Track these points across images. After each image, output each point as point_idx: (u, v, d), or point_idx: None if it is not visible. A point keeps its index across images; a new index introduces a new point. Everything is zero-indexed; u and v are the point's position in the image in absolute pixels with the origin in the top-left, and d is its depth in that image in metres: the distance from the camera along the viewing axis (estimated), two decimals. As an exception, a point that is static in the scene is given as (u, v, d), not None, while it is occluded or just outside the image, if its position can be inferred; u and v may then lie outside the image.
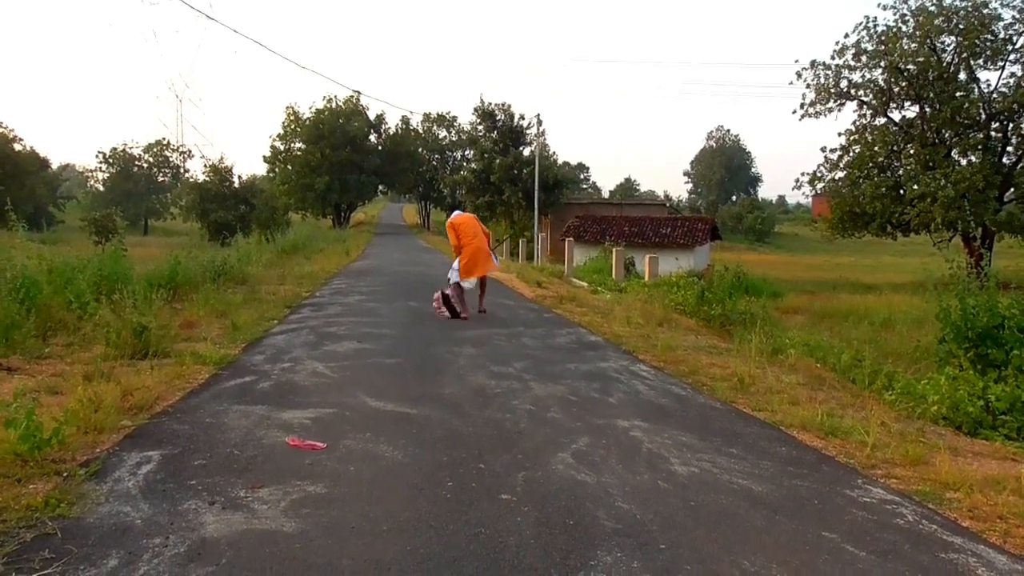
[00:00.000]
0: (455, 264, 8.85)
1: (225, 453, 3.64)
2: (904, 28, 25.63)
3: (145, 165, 62.51)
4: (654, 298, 11.06)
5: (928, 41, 24.98)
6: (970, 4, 24.83)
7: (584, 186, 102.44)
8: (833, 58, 26.95)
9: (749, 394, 5.39)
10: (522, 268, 17.79)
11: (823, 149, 28.59)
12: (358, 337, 7.26)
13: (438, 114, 61.15)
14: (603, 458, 3.76)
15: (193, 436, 3.91)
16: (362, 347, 6.73)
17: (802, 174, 29.49)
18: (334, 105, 50.84)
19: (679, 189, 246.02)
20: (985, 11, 24.63)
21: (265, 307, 9.09)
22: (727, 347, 7.66)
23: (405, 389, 5.14)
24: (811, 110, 27.64)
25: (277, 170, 50.41)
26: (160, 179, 63.58)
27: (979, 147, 25.11)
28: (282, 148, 50.26)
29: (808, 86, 27.43)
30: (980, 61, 25.16)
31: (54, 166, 56.93)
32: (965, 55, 24.85)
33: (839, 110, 27.45)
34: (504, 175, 37.18)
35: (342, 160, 48.61)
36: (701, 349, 7.36)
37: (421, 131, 60.56)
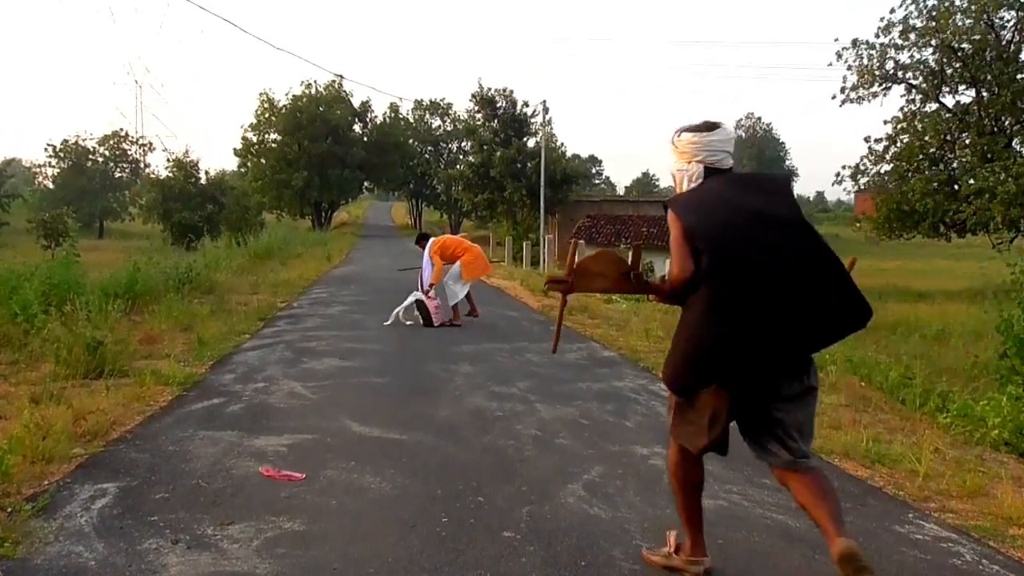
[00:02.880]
0: (422, 287, 9.29)
1: (190, 485, 3.65)
2: (958, 2, 25.75)
3: (100, 159, 62.62)
4: (677, 308, 10.96)
5: (985, 16, 25.07)
6: (1032, -26, 24.99)
7: (596, 181, 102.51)
8: (878, 36, 27.08)
9: None
10: (526, 274, 17.79)
11: (867, 139, 28.58)
12: (341, 353, 7.29)
13: (431, 101, 61.77)
14: (619, 490, 3.77)
15: (154, 466, 3.92)
16: (345, 365, 6.77)
17: (843, 167, 29.50)
18: (313, 91, 51.28)
19: None
20: (1049, -18, 24.78)
21: (236, 319, 9.13)
22: None
23: (394, 412, 5.16)
24: (853, 95, 27.73)
25: (249, 165, 50.70)
26: (117, 175, 63.61)
27: (1044, 136, 25.22)
28: (255, 140, 50.62)
29: (849, 68, 27.53)
30: (1045, 39, 25.30)
31: (-3, 161, 57.54)
32: (1027, 32, 24.99)
33: (884, 95, 27.53)
34: (505, 169, 37.27)
35: (322, 153, 48.92)
36: None
37: (412, 120, 61.01)
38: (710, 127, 2.69)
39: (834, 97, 28.90)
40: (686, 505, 2.77)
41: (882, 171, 28.49)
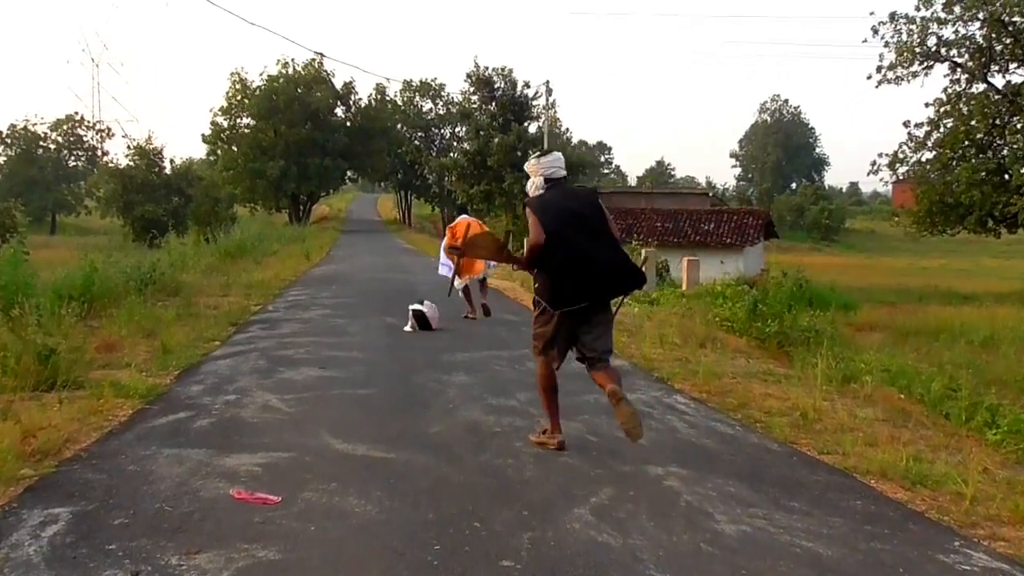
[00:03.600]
0: (443, 258, 10.50)
1: (153, 509, 3.65)
2: (1008, -30, 25.75)
3: (53, 146, 62.77)
4: (694, 312, 11.14)
5: (1039, -13, 25.07)
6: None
7: (606, 171, 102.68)
8: (918, 9, 27.14)
9: (814, 433, 5.41)
10: (527, 275, 17.70)
11: (906, 124, 28.66)
12: (321, 362, 7.31)
13: (422, 82, 61.63)
14: (631, 514, 3.78)
15: (113, 488, 3.91)
16: (326, 375, 6.78)
17: (879, 155, 29.57)
18: (291, 71, 51.33)
19: (725, 174, 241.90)
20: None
21: (204, 324, 9.16)
22: (786, 373, 7.70)
23: (380, 427, 5.17)
24: (890, 75, 27.79)
25: (219, 152, 50.73)
26: (72, 164, 63.81)
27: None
28: (226, 125, 50.59)
29: (887, 45, 27.64)
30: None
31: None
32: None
33: (926, 75, 27.58)
34: (505, 157, 37.32)
35: (301, 139, 49.03)
36: (753, 376, 7.41)
37: (400, 103, 60.95)
38: (544, 153, 4.92)
39: (869, 77, 28.99)
40: (548, 402, 4.85)
41: (923, 159, 28.52)
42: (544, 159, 4.84)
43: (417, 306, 9.50)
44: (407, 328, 9.47)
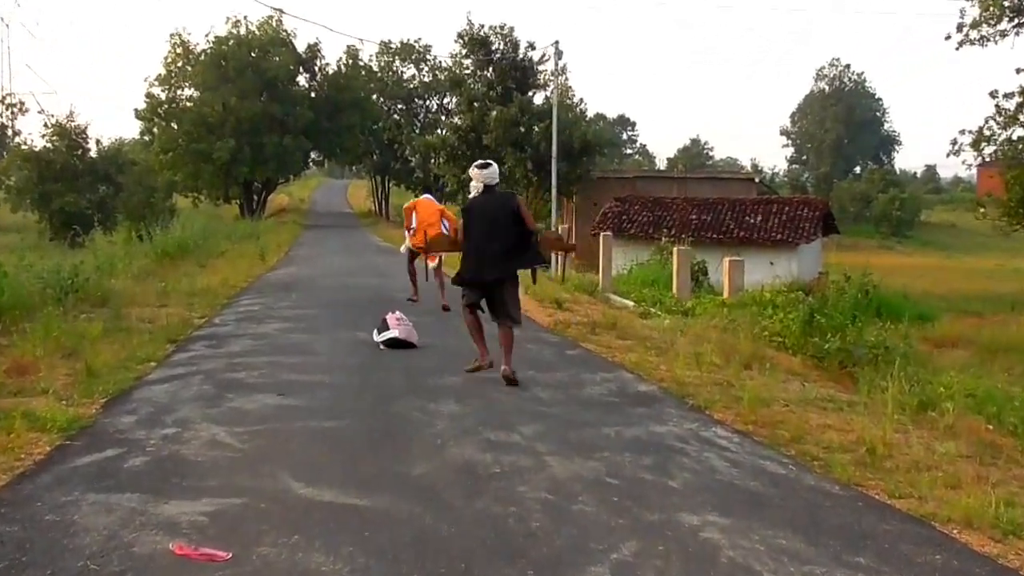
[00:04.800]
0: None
1: (75, 568, 3.62)
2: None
3: (-48, 125, 62.96)
4: (737, 324, 11.10)
5: None
6: None
7: (628, 151, 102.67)
8: (1008, -47, 27.08)
9: (883, 472, 5.41)
10: (531, 284, 17.69)
11: (993, 95, 28.67)
12: (279, 387, 7.31)
13: (402, 43, 61.20)
14: (660, 573, 3.76)
15: (25, 542, 3.89)
16: (286, 403, 6.77)
17: (961, 133, 29.56)
18: (243, 31, 51.23)
19: (774, 155, 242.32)
20: None
21: (137, 342, 9.10)
22: (849, 400, 7.70)
23: (352, 468, 5.17)
24: (974, 34, 27.80)
25: (156, 131, 50.54)
26: (-25, 146, 63.99)
27: None
28: (164, 97, 50.42)
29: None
30: None
31: None
32: None
33: (1017, 33, 27.56)
34: (504, 134, 37.25)
35: (255, 114, 48.79)
36: (810, 403, 7.42)
37: (376, 69, 60.69)
38: (484, 166, 7.70)
39: (948, 38, 29.01)
40: (475, 338, 7.79)
41: (1014, 137, 28.51)
42: (484, 172, 7.71)
43: (388, 333, 9.44)
44: (377, 339, 9.49)
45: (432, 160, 44.89)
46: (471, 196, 7.85)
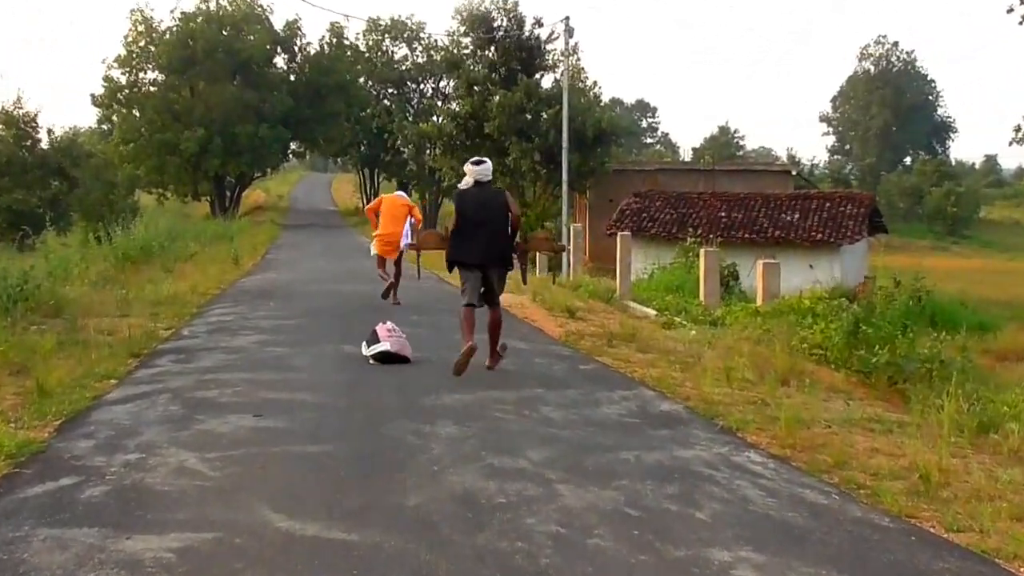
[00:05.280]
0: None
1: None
2: None
3: None
4: (772, 335, 11.13)
5: None
6: None
7: (648, 140, 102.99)
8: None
9: (939, 502, 5.38)
10: (542, 284, 17.77)
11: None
12: (256, 407, 7.22)
13: (393, 20, 59.27)
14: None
15: (-37, 586, 3.80)
16: (263, 425, 6.71)
17: (1026, 118, 29.07)
18: (213, 6, 49.78)
19: (813, 145, 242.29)
20: None
21: (95, 357, 9.01)
22: (900, 420, 7.66)
23: (338, 498, 5.10)
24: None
25: (116, 119, 49.29)
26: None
27: None
28: (124, 81, 48.92)
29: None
30: None
31: None
32: None
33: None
34: (508, 122, 36.31)
35: (227, 100, 47.26)
36: (855, 424, 7.38)
37: (364, 49, 58.77)
38: (479, 162, 8.98)
39: (1011, 11, 28.94)
40: (466, 331, 8.57)
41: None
42: (478, 168, 8.88)
43: (378, 347, 9.37)
44: (366, 353, 9.41)
45: (427, 151, 44.54)
46: (460, 187, 9.10)
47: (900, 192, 70.45)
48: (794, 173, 43.42)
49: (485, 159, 9.20)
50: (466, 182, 8.89)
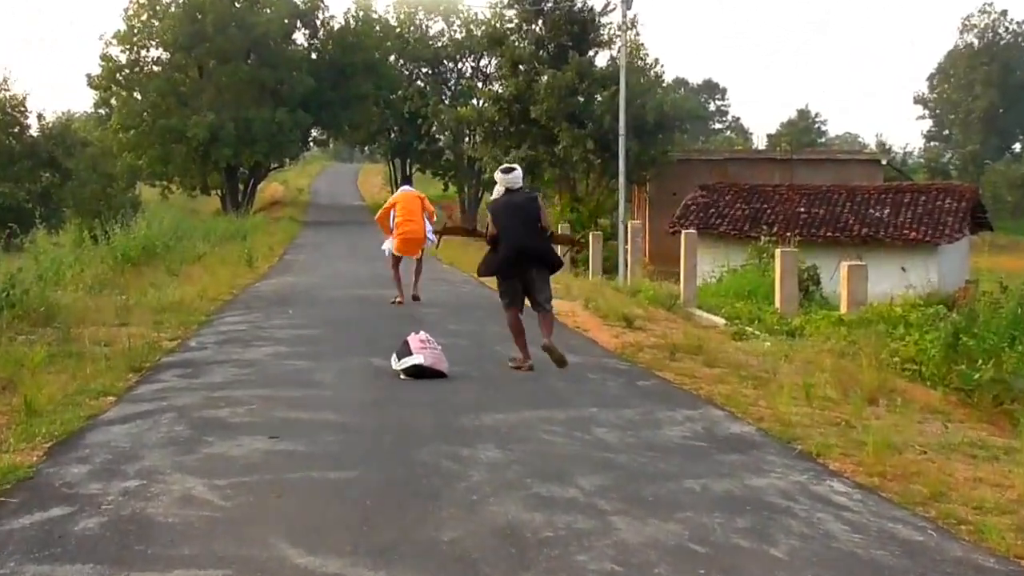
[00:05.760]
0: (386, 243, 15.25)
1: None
2: None
3: None
4: (859, 347, 10.98)
5: None
6: None
7: (717, 125, 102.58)
8: None
9: None
10: (596, 288, 17.76)
11: None
12: (272, 428, 7.17)
13: (427, -9, 56.96)
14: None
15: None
16: (280, 448, 6.66)
17: None
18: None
19: (907, 130, 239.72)
20: None
21: (91, 370, 8.99)
22: (1007, 445, 7.56)
23: (365, 532, 5.06)
24: None
25: (115, 103, 47.63)
26: None
27: None
28: (125, 60, 47.65)
29: None
30: None
31: None
32: None
33: None
34: (557, 105, 35.33)
35: (240, 81, 45.53)
36: (954, 449, 7.30)
37: (395, 24, 57.62)
38: (508, 171, 10.12)
39: None
40: (518, 340, 9.72)
41: None
42: (508, 176, 9.89)
43: (410, 360, 9.30)
44: (397, 367, 9.36)
45: (466, 138, 44.28)
46: (493, 197, 10.17)
47: (1008, 183, 68.68)
48: (884, 162, 42.32)
49: (515, 166, 10.30)
50: (497, 191, 9.94)
